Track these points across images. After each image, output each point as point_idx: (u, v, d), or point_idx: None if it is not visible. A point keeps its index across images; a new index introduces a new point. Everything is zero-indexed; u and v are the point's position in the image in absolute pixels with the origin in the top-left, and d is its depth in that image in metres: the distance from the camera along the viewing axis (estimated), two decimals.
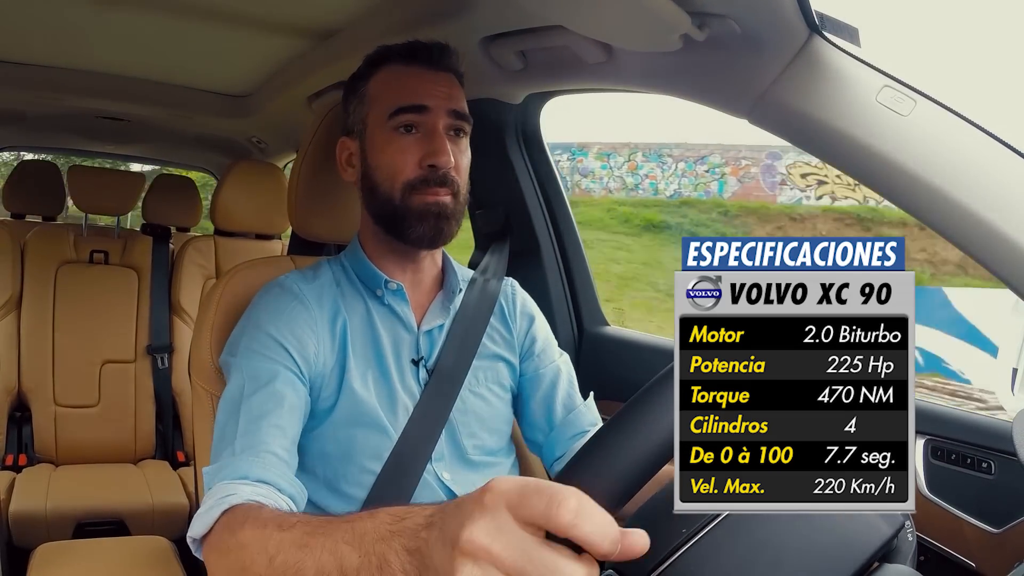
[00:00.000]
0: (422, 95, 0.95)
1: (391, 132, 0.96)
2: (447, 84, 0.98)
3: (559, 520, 0.41)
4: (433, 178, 0.94)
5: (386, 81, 0.98)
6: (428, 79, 0.97)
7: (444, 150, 0.94)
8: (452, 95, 0.98)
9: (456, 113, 0.97)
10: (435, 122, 0.95)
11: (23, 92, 2.01)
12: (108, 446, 2.26)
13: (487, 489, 0.44)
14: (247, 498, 0.77)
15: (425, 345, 1.01)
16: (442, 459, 0.97)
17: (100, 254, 2.34)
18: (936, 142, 0.84)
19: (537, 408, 1.08)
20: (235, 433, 0.85)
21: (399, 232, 0.97)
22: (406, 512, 0.53)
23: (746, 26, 0.91)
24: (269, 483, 0.81)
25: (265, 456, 0.83)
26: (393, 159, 0.96)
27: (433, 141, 0.94)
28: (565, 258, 1.64)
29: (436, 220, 0.95)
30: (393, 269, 1.01)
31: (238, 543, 0.70)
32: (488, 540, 0.42)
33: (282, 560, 0.63)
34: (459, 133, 0.98)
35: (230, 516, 0.74)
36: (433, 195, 0.94)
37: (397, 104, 0.96)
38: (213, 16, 1.46)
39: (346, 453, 0.94)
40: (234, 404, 0.87)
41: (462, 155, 0.98)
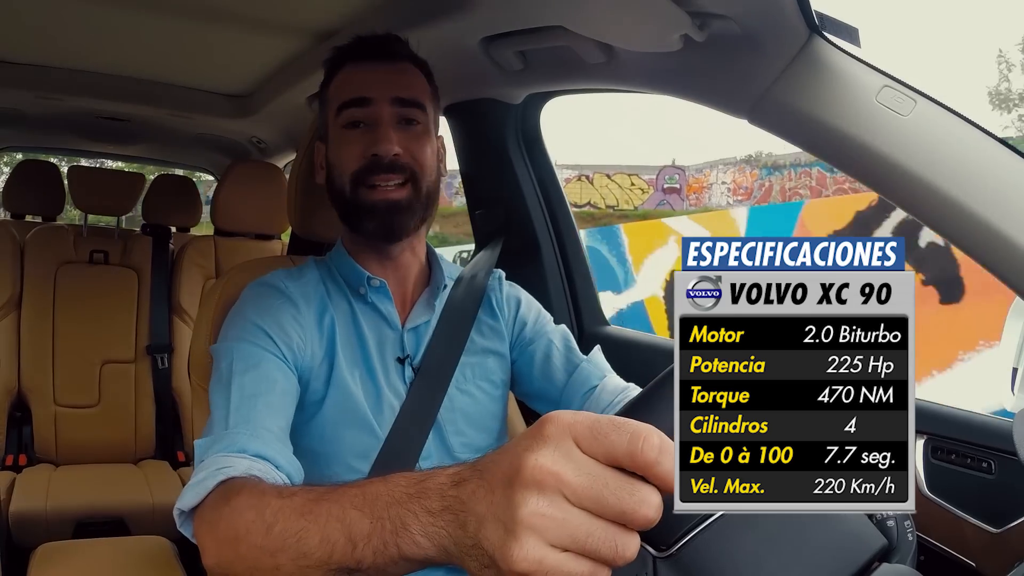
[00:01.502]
0: (363, 88, 0.96)
1: (340, 129, 0.98)
2: (394, 73, 0.98)
3: (645, 456, 0.39)
4: (377, 166, 0.94)
5: (339, 81, 1.00)
6: (373, 72, 0.98)
7: (385, 138, 0.94)
8: (398, 83, 0.97)
9: (401, 101, 0.96)
10: (378, 113, 0.95)
11: (23, 92, 2.00)
12: (108, 446, 2.26)
13: (546, 421, 0.42)
14: (244, 471, 0.72)
15: (411, 343, 1.01)
16: (429, 457, 0.97)
17: (100, 254, 2.34)
18: (936, 142, 0.84)
19: (540, 382, 1.07)
20: (227, 409, 0.82)
21: (355, 227, 0.99)
22: (424, 475, 0.49)
23: (746, 26, 0.91)
24: (267, 458, 0.77)
25: (262, 432, 0.80)
26: (341, 154, 0.97)
27: (375, 132, 0.95)
28: (565, 258, 1.64)
29: (387, 215, 0.96)
30: (374, 266, 1.01)
31: (232, 511, 0.65)
32: (557, 467, 0.40)
33: (281, 528, 0.58)
34: (411, 122, 0.97)
35: (226, 487, 0.70)
36: (382, 191, 0.95)
37: (341, 100, 0.97)
38: (213, 16, 1.46)
39: (332, 451, 0.93)
40: (225, 382, 0.85)
41: (415, 142, 0.97)
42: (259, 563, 0.60)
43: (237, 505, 0.65)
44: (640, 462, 0.40)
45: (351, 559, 0.52)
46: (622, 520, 0.40)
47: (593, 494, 0.40)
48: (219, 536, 0.66)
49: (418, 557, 0.48)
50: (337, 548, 0.53)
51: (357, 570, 0.52)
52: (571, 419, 0.41)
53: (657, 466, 0.40)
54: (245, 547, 0.62)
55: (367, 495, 0.52)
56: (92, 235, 2.38)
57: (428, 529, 0.47)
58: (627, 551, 0.41)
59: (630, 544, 0.41)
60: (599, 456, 0.41)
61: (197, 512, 0.71)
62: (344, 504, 0.54)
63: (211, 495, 0.70)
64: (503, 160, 1.60)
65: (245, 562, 0.62)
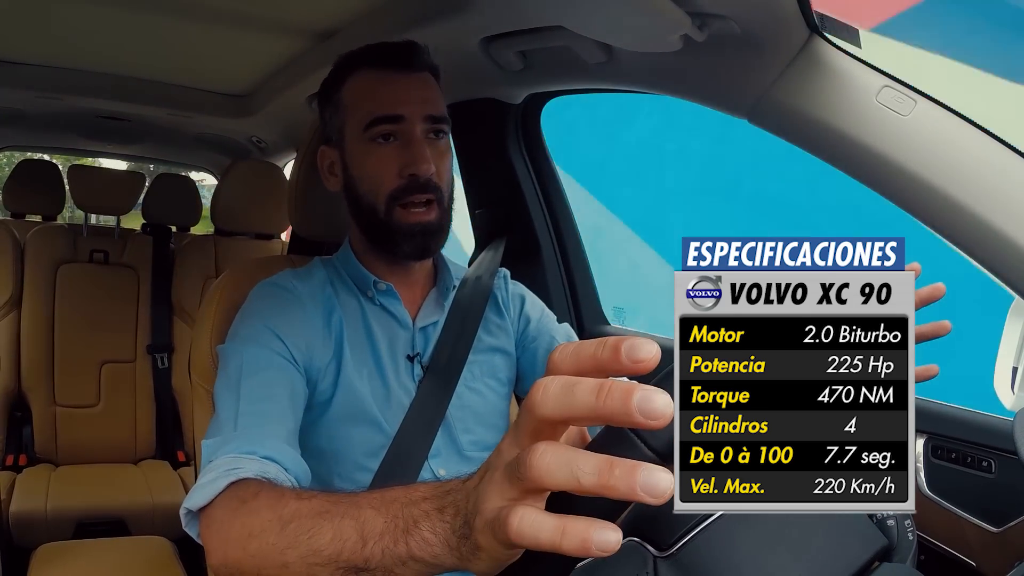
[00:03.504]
0: (397, 104, 0.94)
1: (369, 143, 0.95)
2: (421, 87, 0.96)
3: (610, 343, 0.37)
4: (415, 186, 0.94)
5: (359, 89, 0.97)
6: (401, 85, 0.95)
7: (424, 158, 0.93)
8: (428, 99, 0.96)
9: (433, 118, 0.96)
10: (412, 130, 0.94)
11: (23, 92, 2.01)
12: (108, 446, 2.26)
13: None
14: (256, 473, 0.72)
15: (420, 342, 1.01)
16: (438, 455, 0.97)
17: (100, 254, 2.34)
18: (936, 142, 0.84)
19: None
20: (236, 410, 0.81)
21: (387, 248, 0.98)
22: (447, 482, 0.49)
23: (746, 26, 0.91)
24: (276, 461, 0.77)
25: (271, 434, 0.80)
26: (374, 170, 0.95)
27: (412, 149, 0.93)
28: (565, 257, 1.64)
29: (423, 238, 0.96)
30: (383, 271, 1.01)
31: (248, 511, 0.65)
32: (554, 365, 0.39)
33: (296, 526, 0.58)
34: (438, 135, 0.97)
35: (238, 488, 0.69)
36: (417, 213, 0.94)
37: (372, 115, 0.94)
38: (213, 16, 1.46)
39: (341, 450, 0.93)
40: (234, 384, 0.85)
41: (442, 158, 0.97)
42: (267, 562, 0.60)
43: (254, 506, 0.65)
44: (610, 343, 0.37)
45: (360, 557, 0.52)
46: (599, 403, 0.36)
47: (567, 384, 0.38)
48: (229, 536, 0.66)
49: (427, 556, 0.48)
50: (347, 545, 0.53)
51: (364, 569, 0.52)
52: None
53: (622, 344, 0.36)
54: (256, 546, 0.61)
55: (385, 497, 0.53)
56: (92, 234, 2.39)
57: (436, 526, 0.47)
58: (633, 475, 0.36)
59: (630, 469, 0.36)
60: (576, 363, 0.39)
61: (205, 512, 0.71)
62: (361, 504, 0.54)
63: (221, 496, 0.70)
64: (503, 160, 1.60)
65: (253, 560, 0.62)
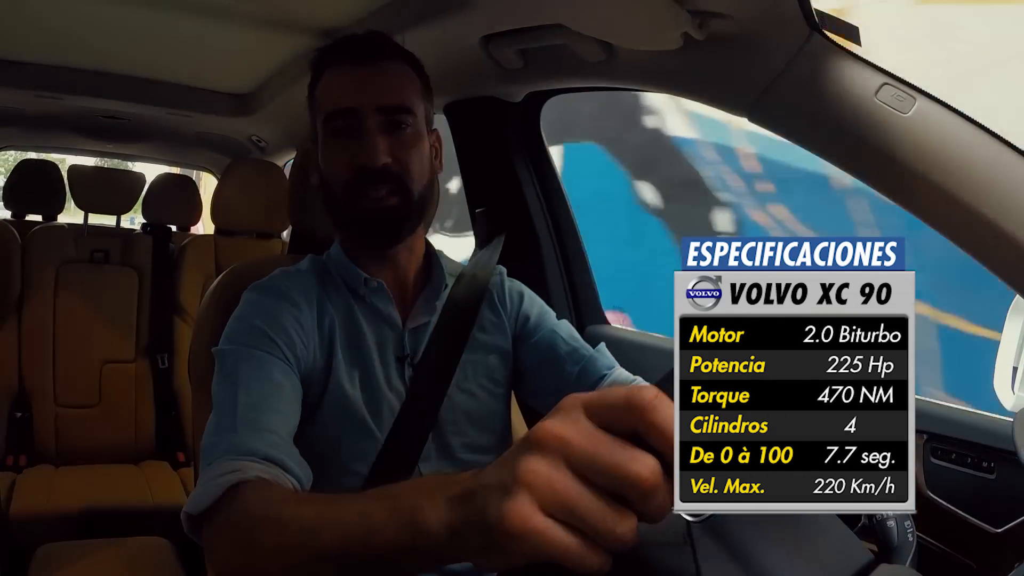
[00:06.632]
0: (347, 98, 0.94)
1: (328, 138, 0.97)
2: (379, 78, 0.95)
3: (641, 397, 0.40)
4: (366, 177, 0.93)
5: (323, 85, 0.98)
6: (357, 77, 0.95)
7: (373, 150, 0.92)
8: (383, 88, 0.95)
9: (387, 109, 0.94)
10: (364, 122, 0.93)
11: (23, 92, 2.01)
12: (108, 446, 2.25)
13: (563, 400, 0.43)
14: (256, 475, 0.72)
15: (411, 343, 1.00)
16: (429, 459, 0.96)
17: (100, 253, 2.34)
18: (936, 140, 0.84)
19: (547, 376, 1.05)
20: (234, 412, 0.81)
21: (352, 235, 1.00)
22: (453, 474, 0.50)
23: (746, 25, 0.91)
24: (276, 462, 0.76)
25: (270, 435, 0.79)
26: (334, 164, 0.96)
27: (362, 142, 0.93)
28: (565, 257, 1.64)
29: (381, 223, 0.95)
30: (371, 266, 1.00)
31: (248, 513, 0.65)
32: (559, 428, 0.41)
33: (297, 528, 0.58)
34: (400, 128, 0.95)
35: (238, 490, 0.69)
36: (373, 201, 0.94)
37: (327, 110, 0.96)
38: (214, 15, 1.46)
39: (330, 455, 0.92)
40: (231, 385, 0.84)
41: (404, 149, 0.94)
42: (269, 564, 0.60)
43: (255, 509, 0.65)
44: (636, 403, 0.40)
45: (364, 548, 0.52)
46: (616, 480, 0.40)
47: (590, 451, 0.40)
48: (231, 538, 0.66)
49: (430, 547, 0.47)
50: (352, 540, 0.53)
51: (366, 562, 0.52)
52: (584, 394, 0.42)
53: (653, 412, 0.39)
54: (259, 547, 0.61)
55: (391, 490, 0.53)
56: (92, 234, 2.38)
57: (441, 516, 0.47)
58: (618, 527, 0.40)
59: (622, 522, 0.40)
60: (604, 419, 0.41)
61: (206, 515, 0.70)
62: (369, 498, 0.54)
63: (222, 498, 0.69)
64: (503, 158, 1.60)
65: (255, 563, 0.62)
